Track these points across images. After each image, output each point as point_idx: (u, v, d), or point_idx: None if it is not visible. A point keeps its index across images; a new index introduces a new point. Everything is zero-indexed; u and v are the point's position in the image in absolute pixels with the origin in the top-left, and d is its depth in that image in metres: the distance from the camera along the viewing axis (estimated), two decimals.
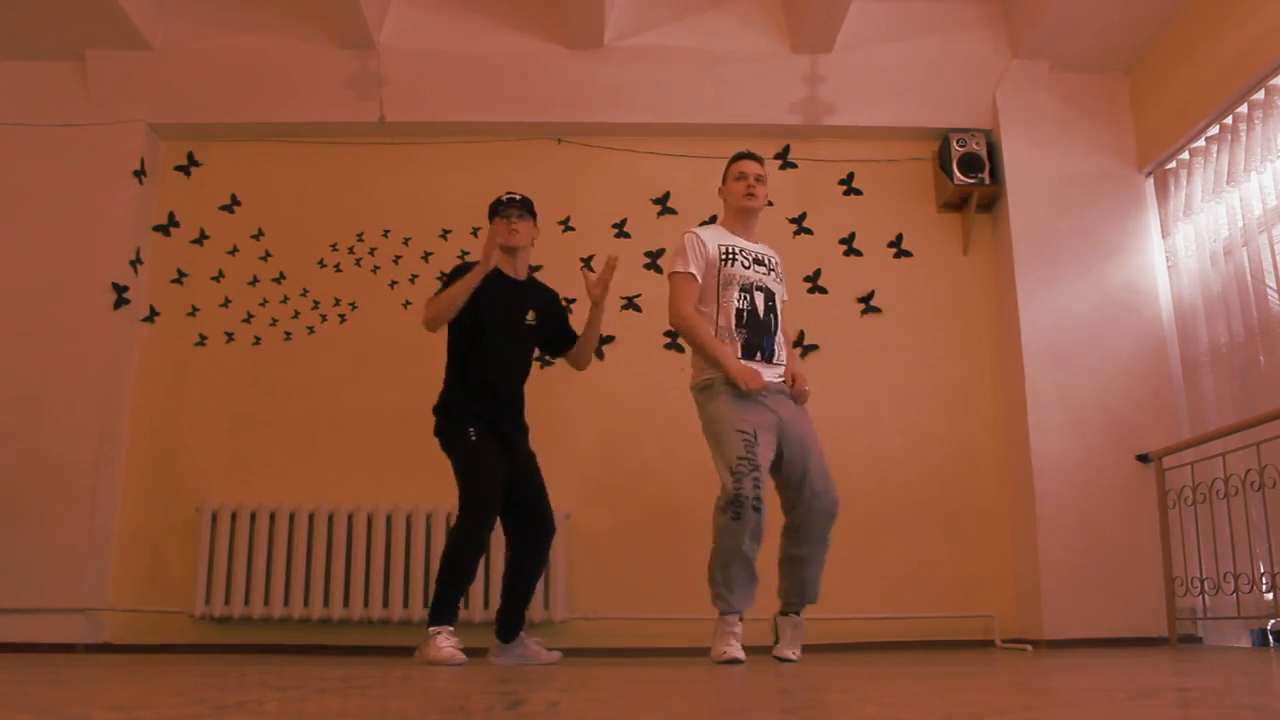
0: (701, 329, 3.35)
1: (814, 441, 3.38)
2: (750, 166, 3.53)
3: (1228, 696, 1.62)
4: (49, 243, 4.72)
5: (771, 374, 3.36)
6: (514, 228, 3.64)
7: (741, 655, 3.16)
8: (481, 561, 3.79)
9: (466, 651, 3.26)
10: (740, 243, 3.47)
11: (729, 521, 3.14)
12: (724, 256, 3.40)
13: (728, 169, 3.60)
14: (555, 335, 3.80)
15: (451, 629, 3.30)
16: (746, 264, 3.42)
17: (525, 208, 3.68)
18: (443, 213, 4.95)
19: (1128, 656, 3.26)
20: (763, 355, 3.36)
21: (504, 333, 3.60)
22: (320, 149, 5.02)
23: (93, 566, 4.45)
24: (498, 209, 3.69)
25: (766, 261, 3.50)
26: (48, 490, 4.46)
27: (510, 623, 3.62)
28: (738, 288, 3.38)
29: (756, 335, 3.37)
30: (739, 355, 3.31)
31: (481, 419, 3.50)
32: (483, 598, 4.34)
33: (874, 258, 4.95)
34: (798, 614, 3.42)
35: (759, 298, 3.40)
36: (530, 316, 3.68)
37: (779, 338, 3.44)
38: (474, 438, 3.47)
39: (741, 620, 3.24)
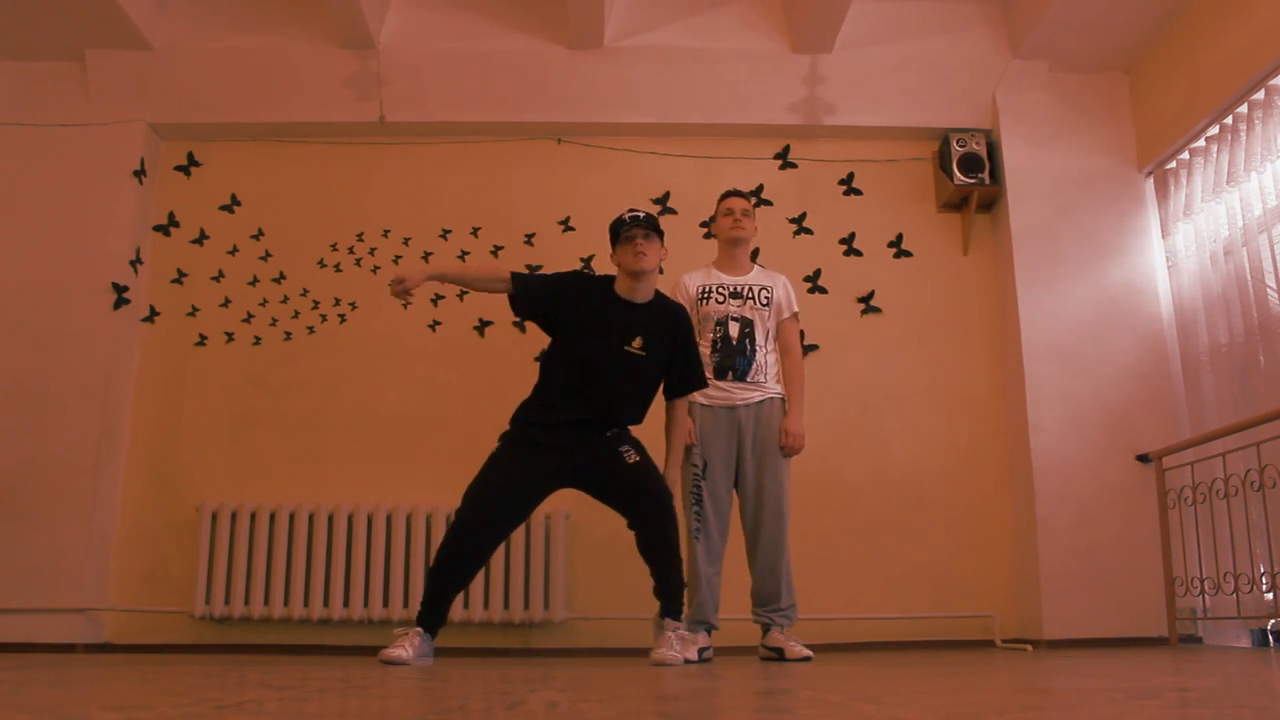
0: None
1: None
2: (736, 203, 3.87)
3: (1228, 696, 1.62)
4: (49, 243, 4.72)
5: (742, 392, 3.70)
6: (640, 250, 3.29)
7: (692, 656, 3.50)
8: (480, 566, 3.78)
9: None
10: (720, 279, 3.81)
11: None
12: (701, 296, 3.78)
13: (717, 206, 3.93)
14: (677, 370, 3.43)
15: (421, 630, 3.22)
16: (721, 299, 3.76)
17: (650, 226, 3.33)
18: (443, 213, 4.95)
19: (1128, 656, 3.26)
20: (734, 374, 3.71)
21: (598, 358, 3.31)
22: (320, 149, 5.02)
23: (93, 566, 4.45)
24: (620, 230, 3.34)
25: (746, 292, 3.78)
26: (48, 490, 4.46)
27: (660, 600, 3.32)
28: (714, 321, 3.75)
29: (728, 358, 3.72)
30: (712, 376, 3.67)
31: (525, 434, 3.33)
32: (483, 599, 4.36)
33: (874, 258, 4.95)
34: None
35: (734, 327, 3.75)
36: (636, 343, 3.33)
37: (758, 359, 3.73)
38: (499, 448, 3.34)
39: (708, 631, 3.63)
